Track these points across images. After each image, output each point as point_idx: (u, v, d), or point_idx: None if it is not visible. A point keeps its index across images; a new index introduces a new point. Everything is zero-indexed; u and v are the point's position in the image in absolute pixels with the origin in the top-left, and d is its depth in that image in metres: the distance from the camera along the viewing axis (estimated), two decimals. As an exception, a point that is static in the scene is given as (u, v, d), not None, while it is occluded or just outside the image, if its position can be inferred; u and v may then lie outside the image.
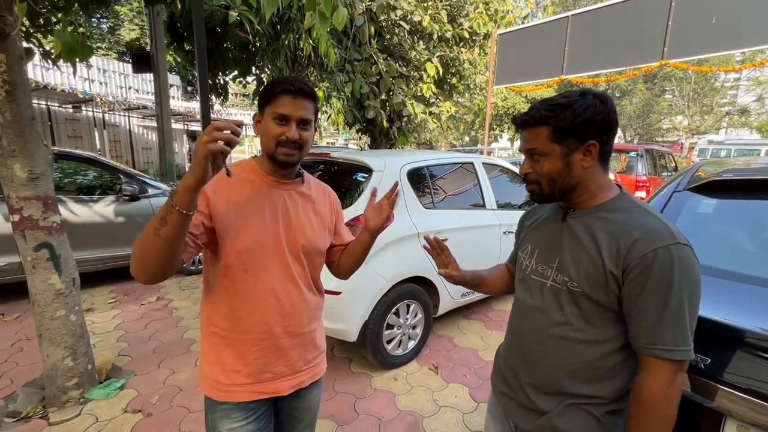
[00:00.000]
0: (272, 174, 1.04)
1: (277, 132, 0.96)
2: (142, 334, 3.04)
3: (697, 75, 23.06)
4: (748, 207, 1.51)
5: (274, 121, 0.96)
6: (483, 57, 7.89)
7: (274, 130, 0.96)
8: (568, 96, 0.84)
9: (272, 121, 0.96)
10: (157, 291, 3.93)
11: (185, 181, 0.76)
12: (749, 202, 1.51)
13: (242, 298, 0.99)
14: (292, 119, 0.96)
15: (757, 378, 0.91)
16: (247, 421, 1.03)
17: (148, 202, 4.08)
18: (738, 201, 1.51)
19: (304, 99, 0.97)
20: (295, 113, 0.96)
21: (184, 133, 14.45)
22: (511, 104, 22.08)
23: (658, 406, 0.77)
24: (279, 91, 0.95)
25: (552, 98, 0.86)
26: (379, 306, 2.47)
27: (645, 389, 0.78)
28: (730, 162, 1.78)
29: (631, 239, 0.79)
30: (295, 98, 0.96)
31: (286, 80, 0.96)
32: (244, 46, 6.30)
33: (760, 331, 0.91)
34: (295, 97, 0.96)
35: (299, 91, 0.96)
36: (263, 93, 0.98)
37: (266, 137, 0.98)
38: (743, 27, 4.47)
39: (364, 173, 2.65)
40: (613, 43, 5.41)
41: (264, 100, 0.99)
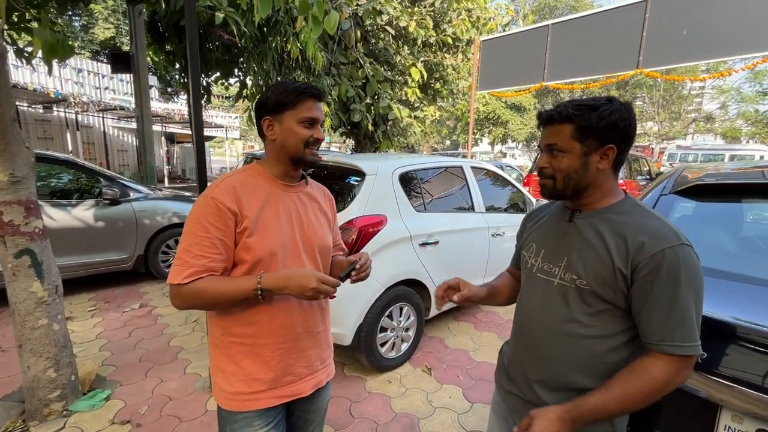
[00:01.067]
0: (282, 178, 1.05)
1: (306, 134, 0.99)
2: (126, 342, 2.94)
3: (666, 83, 24.13)
4: (728, 209, 1.61)
5: (302, 124, 0.99)
6: (466, 63, 8.03)
7: (303, 132, 0.99)
8: (596, 100, 0.88)
9: (299, 125, 0.99)
10: (139, 298, 3.81)
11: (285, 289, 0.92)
12: (728, 205, 1.61)
13: (266, 302, 0.98)
14: (318, 122, 1.01)
15: (746, 370, 0.97)
16: (269, 427, 1.02)
17: (130, 206, 3.96)
18: (718, 203, 1.60)
19: (320, 101, 1.02)
20: (320, 116, 1.02)
21: (162, 135, 14.07)
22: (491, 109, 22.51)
23: (650, 384, 0.80)
24: (302, 96, 0.98)
25: (580, 99, 0.90)
26: (373, 309, 2.48)
27: (646, 366, 0.81)
28: (707, 167, 1.88)
29: (638, 239, 0.83)
30: (316, 102, 1.01)
31: (303, 86, 0.99)
32: (226, 47, 6.21)
33: (750, 325, 0.97)
34: (317, 101, 1.01)
35: (318, 95, 1.00)
36: (276, 98, 0.98)
37: (293, 140, 1.00)
38: (711, 39, 4.72)
39: (356, 177, 2.66)
40: (592, 51, 5.61)
41: (280, 105, 0.99)
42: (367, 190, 2.57)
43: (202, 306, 0.97)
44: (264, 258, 0.97)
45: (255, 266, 0.97)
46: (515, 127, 24.71)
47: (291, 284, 0.91)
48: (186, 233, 0.94)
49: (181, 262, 0.92)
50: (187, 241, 0.93)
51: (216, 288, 0.92)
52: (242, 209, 0.96)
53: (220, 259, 0.94)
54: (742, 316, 1.01)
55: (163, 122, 13.61)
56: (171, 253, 4.28)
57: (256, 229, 0.96)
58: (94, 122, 12.23)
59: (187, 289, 0.91)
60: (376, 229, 2.51)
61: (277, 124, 1.00)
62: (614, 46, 5.34)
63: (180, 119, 12.56)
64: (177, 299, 0.94)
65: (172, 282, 0.91)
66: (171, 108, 12.38)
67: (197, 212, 0.94)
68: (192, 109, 2.18)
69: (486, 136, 26.70)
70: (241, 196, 0.97)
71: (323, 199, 1.19)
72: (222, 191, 0.95)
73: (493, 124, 24.86)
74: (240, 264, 0.97)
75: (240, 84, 6.32)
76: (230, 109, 17.78)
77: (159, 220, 4.12)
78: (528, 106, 25.05)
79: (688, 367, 0.80)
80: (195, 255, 0.91)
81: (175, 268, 0.92)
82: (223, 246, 0.94)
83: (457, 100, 8.88)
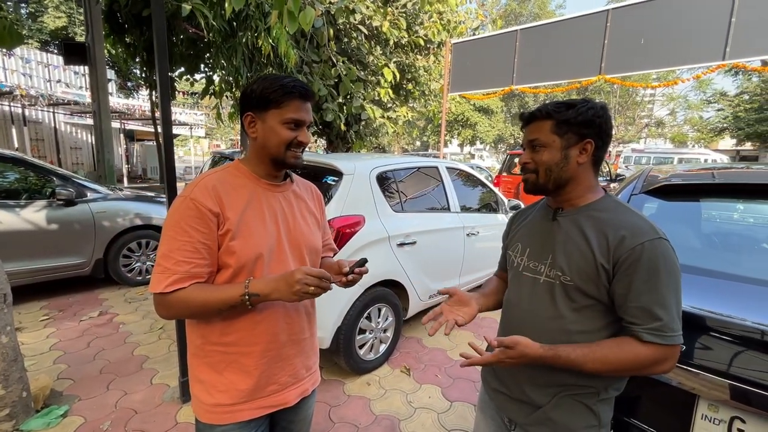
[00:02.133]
0: (266, 177, 1.00)
1: (289, 137, 0.93)
2: (84, 353, 2.74)
3: (622, 89, 25.56)
4: (692, 207, 1.71)
5: (285, 125, 0.93)
6: (437, 64, 8.14)
7: (286, 134, 0.93)
8: (573, 100, 0.92)
9: (283, 125, 0.93)
10: (98, 305, 3.57)
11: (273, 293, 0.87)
12: (693, 204, 1.71)
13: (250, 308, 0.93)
14: (303, 124, 0.95)
15: (717, 360, 1.02)
16: None
17: (87, 207, 3.70)
18: (684, 202, 1.69)
19: (309, 102, 0.96)
20: (307, 118, 0.95)
21: (121, 132, 13.31)
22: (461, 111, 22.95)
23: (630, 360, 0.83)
24: (288, 96, 0.91)
25: (559, 100, 0.94)
26: (352, 311, 2.44)
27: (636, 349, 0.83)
28: (672, 168, 1.99)
29: (618, 235, 0.86)
30: (304, 103, 0.94)
31: (291, 84, 0.92)
32: (192, 41, 5.96)
33: (725, 319, 1.02)
34: (305, 101, 0.94)
35: (306, 95, 0.94)
36: (260, 93, 0.92)
37: (275, 141, 0.94)
38: (665, 49, 5.04)
39: (334, 177, 2.62)
40: (559, 57, 5.84)
41: (264, 102, 0.92)
42: (345, 191, 2.53)
43: (188, 315, 0.92)
44: (249, 262, 0.91)
45: (239, 271, 0.91)
46: (483, 129, 25.33)
47: (279, 286, 0.86)
48: (165, 238, 0.87)
49: (162, 269, 0.86)
50: (167, 246, 0.86)
51: (201, 296, 0.86)
52: (224, 210, 0.90)
53: (204, 264, 0.88)
54: (712, 309, 1.06)
55: (122, 119, 12.89)
56: (133, 257, 4.04)
57: (240, 232, 0.91)
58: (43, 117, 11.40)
59: (172, 298, 0.85)
60: (354, 229, 2.48)
61: (260, 122, 0.94)
62: (579, 52, 5.59)
63: (141, 116, 11.94)
64: (162, 308, 0.88)
65: (154, 291, 0.85)
66: (131, 104, 11.73)
67: (176, 215, 0.88)
68: (160, 105, 2.06)
69: (455, 138, 27.22)
70: (222, 195, 0.91)
71: (310, 197, 1.14)
72: (201, 191, 0.89)
73: (462, 126, 25.37)
74: (224, 269, 0.92)
75: (207, 80, 6.08)
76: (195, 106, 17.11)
77: (120, 222, 3.88)
78: (495, 108, 25.76)
79: (672, 357, 0.84)
80: (177, 261, 0.85)
81: (156, 275, 0.86)
82: (207, 250, 0.88)
83: (429, 101, 8.98)
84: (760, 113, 18.24)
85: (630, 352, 0.84)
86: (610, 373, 0.87)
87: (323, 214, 1.21)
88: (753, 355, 0.98)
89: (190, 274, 0.86)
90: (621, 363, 0.84)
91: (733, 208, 2.06)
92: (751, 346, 0.99)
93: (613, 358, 0.84)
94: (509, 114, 28.33)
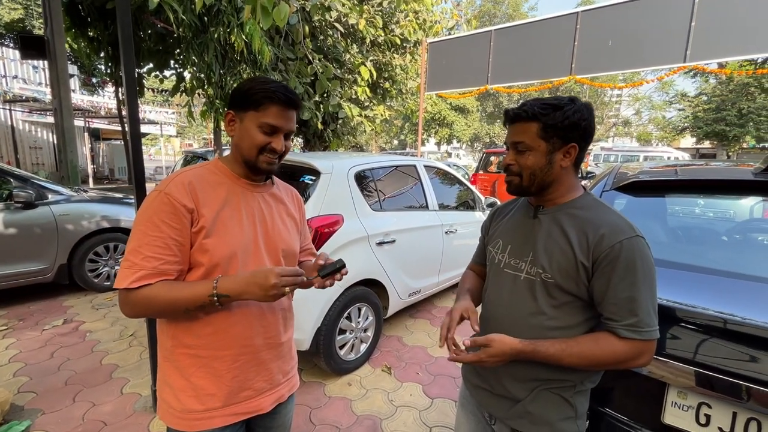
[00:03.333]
0: (245, 177, 0.97)
1: (262, 141, 0.90)
2: (48, 364, 2.59)
3: (591, 90, 26.48)
4: (659, 203, 1.78)
5: (260, 129, 0.90)
6: (414, 63, 8.17)
7: (259, 138, 0.90)
8: (559, 99, 0.91)
9: (257, 129, 0.90)
10: (62, 313, 3.39)
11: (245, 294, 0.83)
12: (659, 199, 1.78)
13: (224, 310, 0.90)
14: (281, 132, 0.92)
15: (684, 348, 1.07)
16: None
17: (49, 209, 3.50)
18: (651, 198, 1.76)
19: (292, 110, 0.93)
20: (285, 125, 0.92)
21: (86, 131, 12.69)
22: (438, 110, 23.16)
23: (606, 354, 0.86)
24: (268, 100, 0.88)
25: (544, 98, 0.92)
26: (332, 311, 2.42)
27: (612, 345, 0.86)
28: (640, 165, 2.07)
29: (598, 233, 0.87)
30: (285, 109, 0.91)
31: (275, 88, 0.89)
32: (160, 36, 5.74)
33: (690, 309, 1.07)
34: (286, 108, 0.91)
35: (289, 102, 0.90)
36: (246, 93, 0.89)
37: (247, 143, 0.91)
38: (630, 51, 5.24)
39: (311, 176, 2.58)
40: (532, 57, 5.97)
41: (245, 102, 0.90)
42: (323, 190, 2.50)
43: (153, 314, 0.88)
44: (222, 262, 0.88)
45: (212, 270, 0.88)
46: (460, 128, 25.67)
47: (251, 288, 0.82)
48: (135, 233, 0.83)
49: (129, 264, 0.82)
50: (137, 242, 0.83)
51: (167, 294, 0.82)
52: (199, 206, 0.87)
53: (173, 261, 0.85)
54: (679, 300, 1.11)
55: (87, 117, 12.30)
56: (101, 261, 3.86)
57: (215, 230, 0.88)
58: (-1, 115, 10.73)
59: (137, 295, 0.81)
60: (332, 229, 2.45)
61: (239, 122, 0.92)
62: (551, 53, 5.73)
63: (107, 114, 11.43)
64: (126, 306, 0.84)
65: (119, 286, 0.82)
66: (96, 101, 11.20)
67: (148, 210, 0.84)
68: (127, 102, 1.97)
69: (432, 137, 27.46)
70: (198, 192, 0.88)
71: (291, 200, 1.12)
72: (177, 186, 0.86)
73: (439, 125, 25.63)
74: (196, 267, 0.88)
75: (177, 77, 5.87)
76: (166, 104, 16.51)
77: (85, 225, 3.69)
78: (471, 108, 26.15)
79: (648, 351, 0.86)
80: (145, 256, 0.82)
81: (123, 271, 0.82)
82: (178, 247, 0.85)
83: (406, 100, 9.01)
84: (717, 113, 19.30)
85: (607, 347, 0.86)
86: (588, 367, 0.89)
87: (303, 218, 1.19)
88: (716, 343, 1.02)
89: (158, 270, 0.82)
90: (598, 358, 0.86)
91: (695, 203, 2.17)
92: (713, 335, 1.04)
93: (590, 353, 0.86)
94: (484, 113, 28.82)
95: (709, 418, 1.00)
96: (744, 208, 2.04)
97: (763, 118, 18.03)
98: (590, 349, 0.87)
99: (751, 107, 18.21)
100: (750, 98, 18.51)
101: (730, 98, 19.08)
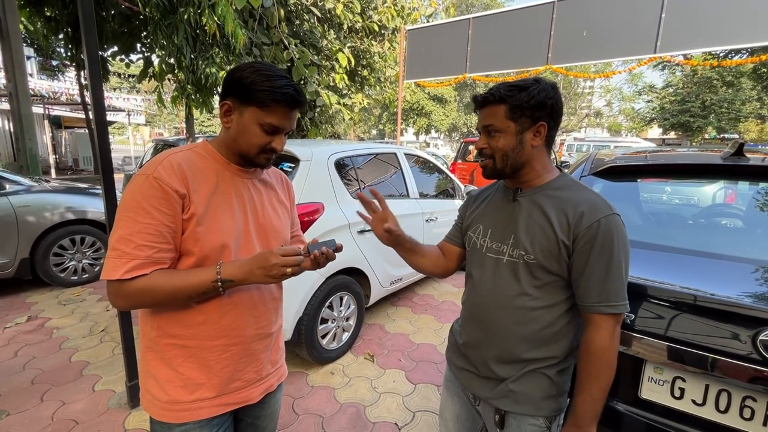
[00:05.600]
0: (236, 163, 0.92)
1: (263, 141, 0.86)
2: (11, 363, 2.46)
3: (565, 80, 27.04)
4: (633, 187, 1.84)
5: (262, 128, 0.85)
6: (392, 51, 8.09)
7: (261, 138, 0.86)
8: (524, 81, 0.92)
9: (259, 128, 0.85)
10: (26, 309, 3.21)
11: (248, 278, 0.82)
12: (633, 184, 1.84)
13: (215, 300, 0.86)
14: (283, 132, 0.88)
15: (663, 327, 1.10)
16: None
17: (6, 200, 3.29)
18: (626, 183, 1.82)
19: (297, 109, 0.88)
20: (288, 126, 0.88)
21: (46, 119, 11.94)
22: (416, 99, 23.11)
23: (605, 355, 0.89)
24: (275, 102, 0.82)
25: (510, 82, 0.93)
26: (313, 300, 2.39)
27: (594, 344, 0.89)
28: (613, 152, 2.12)
29: (577, 212, 0.89)
30: (290, 111, 0.86)
31: (285, 88, 0.83)
32: (125, 17, 5.43)
33: (663, 287, 1.11)
34: (291, 109, 0.86)
35: (297, 104, 0.86)
36: (247, 87, 0.82)
37: (246, 140, 0.86)
38: (603, 42, 5.36)
39: (290, 163, 2.52)
40: (509, 46, 6.01)
41: (248, 97, 0.83)
42: (302, 177, 2.45)
43: (150, 304, 0.82)
44: (213, 251, 0.84)
45: (203, 260, 0.84)
46: (438, 118, 25.76)
47: (254, 271, 0.81)
48: (122, 220, 0.77)
49: (119, 254, 0.76)
50: (126, 229, 0.76)
51: (168, 283, 0.78)
52: (190, 192, 0.82)
53: (167, 249, 0.80)
54: (655, 280, 1.14)
55: (46, 103, 11.57)
56: (66, 255, 3.67)
57: (206, 218, 0.83)
58: (-54, 101, 9.94)
59: (132, 286, 0.76)
60: (313, 217, 2.41)
61: (237, 114, 0.85)
62: (528, 42, 5.78)
63: (68, 100, 10.78)
64: (119, 299, 0.78)
65: (110, 277, 0.75)
66: (56, 86, 10.54)
67: (137, 195, 0.78)
68: (90, 86, 1.85)
69: (411, 126, 27.44)
70: (188, 176, 0.82)
71: (281, 186, 1.08)
72: (166, 170, 0.80)
73: (418, 115, 25.62)
74: (186, 256, 0.84)
75: (145, 61, 5.58)
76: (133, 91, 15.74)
77: (48, 217, 3.49)
78: (449, 98, 26.25)
79: (618, 324, 0.90)
80: (137, 245, 0.76)
81: (112, 261, 0.76)
82: (171, 234, 0.80)
83: (384, 88, 8.93)
84: (682, 105, 20.13)
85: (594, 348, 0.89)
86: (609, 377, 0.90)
87: (293, 203, 1.15)
88: (688, 318, 1.06)
89: (152, 259, 0.78)
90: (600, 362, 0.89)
91: (667, 187, 2.25)
92: (684, 310, 1.08)
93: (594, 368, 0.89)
94: (462, 103, 28.99)
95: (683, 391, 1.05)
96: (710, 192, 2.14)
97: (723, 110, 18.95)
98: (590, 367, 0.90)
99: (713, 99, 19.09)
100: (713, 91, 19.38)
101: (694, 90, 19.93)
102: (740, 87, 18.84)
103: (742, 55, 13.48)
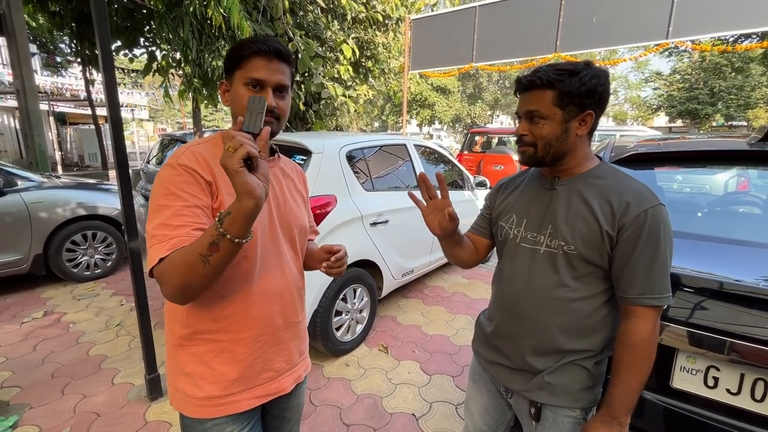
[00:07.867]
0: None
1: None
2: (31, 357, 2.48)
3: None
4: (655, 174, 1.81)
5: (246, 87, 0.83)
6: (397, 41, 7.99)
7: (246, 96, 0.82)
8: (575, 65, 0.87)
9: (243, 87, 0.83)
10: (42, 305, 3.24)
11: (242, 208, 0.66)
12: (658, 172, 1.81)
13: (243, 289, 0.85)
14: (268, 85, 0.83)
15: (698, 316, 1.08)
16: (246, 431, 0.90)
17: (19, 197, 3.30)
18: (647, 170, 1.78)
19: (280, 62, 0.85)
20: (272, 78, 0.83)
21: (51, 115, 11.97)
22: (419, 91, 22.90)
23: (645, 348, 0.87)
24: (250, 53, 0.82)
25: (558, 64, 0.88)
26: (328, 293, 2.39)
27: (634, 336, 0.87)
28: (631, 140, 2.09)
29: (623, 201, 0.86)
30: (270, 60, 0.83)
31: (257, 40, 0.83)
32: (128, 12, 5.39)
33: (696, 275, 1.08)
34: (270, 59, 0.83)
35: (274, 52, 0.83)
36: (230, 56, 0.84)
37: (237, 106, 0.84)
38: (615, 28, 5.25)
39: (302, 156, 2.50)
40: (515, 35, 5.92)
41: (232, 64, 0.84)
42: (315, 170, 2.43)
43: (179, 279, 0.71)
44: None
45: None
46: (441, 109, 25.51)
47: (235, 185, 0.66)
48: (155, 210, 0.75)
49: (158, 240, 0.72)
50: (161, 217, 0.74)
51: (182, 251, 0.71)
52: (216, 181, 0.80)
53: (205, 224, 0.76)
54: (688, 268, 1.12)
55: (51, 100, 11.58)
56: (79, 251, 3.69)
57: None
58: (-48, 98, 9.98)
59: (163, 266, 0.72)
60: (326, 210, 2.40)
61: (231, 88, 0.86)
62: (535, 30, 5.69)
63: (72, 96, 10.78)
64: (164, 285, 0.73)
65: (154, 262, 0.72)
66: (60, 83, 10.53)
67: (165, 182, 0.76)
68: (104, 83, 1.83)
69: (414, 118, 27.23)
70: (212, 165, 0.81)
71: (297, 176, 1.07)
72: (190, 159, 0.80)
73: (421, 106, 25.39)
74: None
75: (149, 55, 5.55)
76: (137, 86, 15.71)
77: (60, 213, 3.50)
78: (453, 89, 25.97)
79: (659, 316, 0.87)
80: (175, 226, 0.73)
81: (154, 248, 0.72)
82: (205, 214, 0.78)
83: (389, 79, 8.84)
84: (689, 92, 19.79)
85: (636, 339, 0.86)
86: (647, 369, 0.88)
87: (307, 193, 1.14)
88: (723, 306, 1.04)
89: (191, 236, 0.73)
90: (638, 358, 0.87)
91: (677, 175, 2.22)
92: (720, 298, 1.05)
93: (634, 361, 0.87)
94: (465, 94, 28.70)
95: (717, 380, 1.03)
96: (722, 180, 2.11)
97: (732, 96, 18.61)
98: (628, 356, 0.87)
99: (722, 86, 18.75)
100: (721, 77, 19.03)
101: (702, 77, 19.58)
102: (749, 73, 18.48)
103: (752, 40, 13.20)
